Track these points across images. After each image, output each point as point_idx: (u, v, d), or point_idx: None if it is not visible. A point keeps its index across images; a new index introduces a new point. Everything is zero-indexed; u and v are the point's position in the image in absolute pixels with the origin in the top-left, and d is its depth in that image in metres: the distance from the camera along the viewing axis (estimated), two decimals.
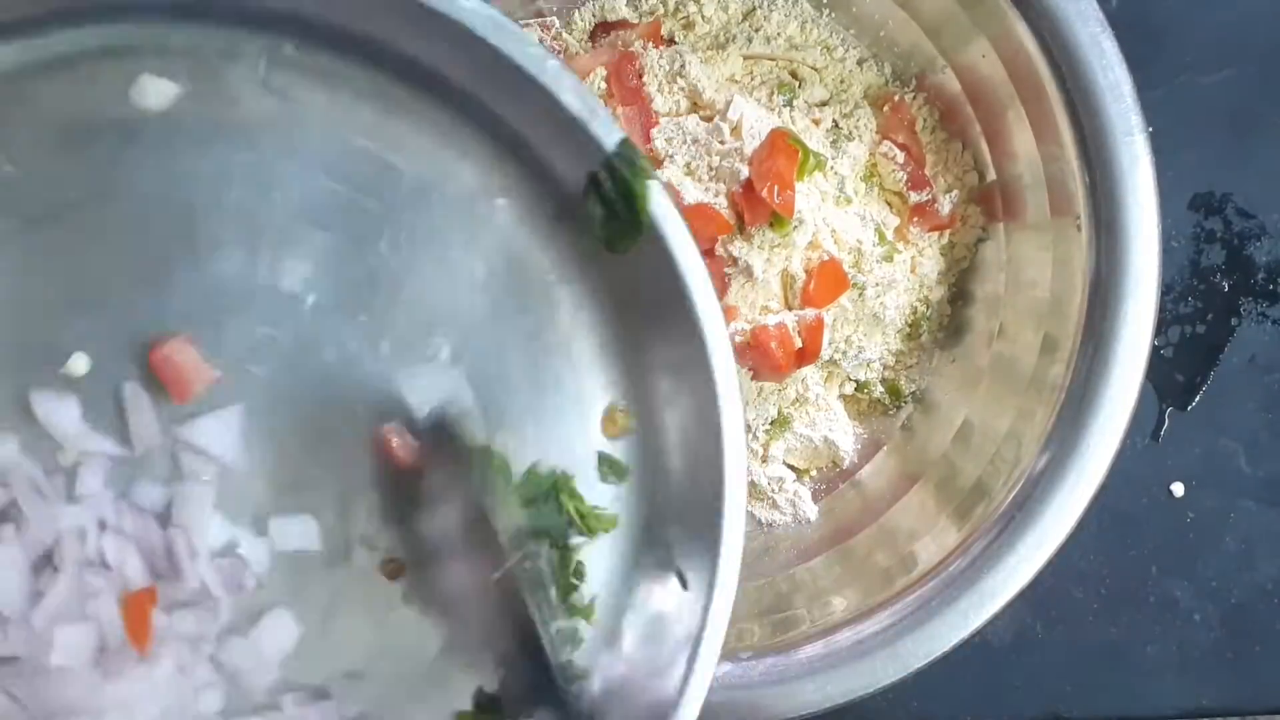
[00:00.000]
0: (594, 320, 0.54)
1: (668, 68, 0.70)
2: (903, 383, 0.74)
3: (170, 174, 0.50)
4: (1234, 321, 0.79)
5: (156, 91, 0.50)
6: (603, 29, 0.73)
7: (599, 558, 0.53)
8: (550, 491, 0.52)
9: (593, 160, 0.50)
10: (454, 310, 0.53)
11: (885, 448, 0.75)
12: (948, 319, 0.74)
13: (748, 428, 0.53)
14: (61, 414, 0.50)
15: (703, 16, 0.73)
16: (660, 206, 0.50)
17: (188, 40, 0.50)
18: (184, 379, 0.50)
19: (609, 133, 0.49)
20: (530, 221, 0.53)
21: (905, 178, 0.72)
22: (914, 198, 0.72)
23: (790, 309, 0.68)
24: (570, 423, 0.54)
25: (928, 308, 0.73)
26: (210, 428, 0.51)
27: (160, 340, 0.50)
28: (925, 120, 0.74)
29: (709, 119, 0.69)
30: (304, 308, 0.52)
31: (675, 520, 0.53)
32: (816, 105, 0.72)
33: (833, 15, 0.74)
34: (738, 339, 0.67)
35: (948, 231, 0.73)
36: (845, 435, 0.73)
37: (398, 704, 0.52)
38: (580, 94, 0.49)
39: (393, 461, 0.52)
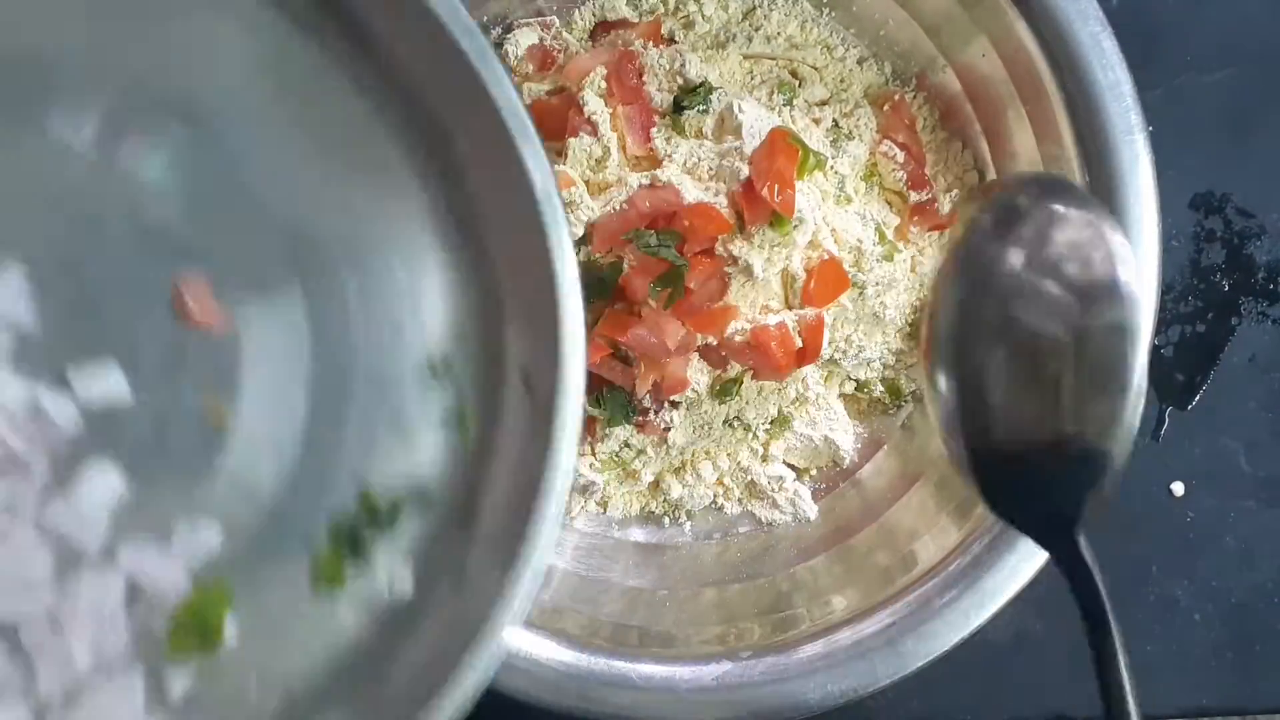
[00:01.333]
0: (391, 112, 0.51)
1: (668, 67, 0.70)
2: (903, 382, 0.74)
3: None
4: (1234, 321, 0.79)
5: None
6: (603, 28, 0.73)
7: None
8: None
9: None
10: (228, 94, 0.50)
11: (885, 447, 0.75)
12: None
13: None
14: None
15: (703, 15, 0.73)
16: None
17: None
18: None
19: None
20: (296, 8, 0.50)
21: (905, 177, 0.72)
22: (914, 197, 0.72)
23: (790, 308, 0.68)
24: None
25: None
26: None
27: None
28: (925, 120, 0.74)
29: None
30: (79, 151, 0.49)
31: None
32: (816, 104, 0.72)
33: (833, 14, 0.74)
34: (738, 339, 0.67)
35: (948, 231, 0.73)
36: (845, 434, 0.73)
37: (249, 547, 0.49)
38: None
39: (186, 317, 0.49)
